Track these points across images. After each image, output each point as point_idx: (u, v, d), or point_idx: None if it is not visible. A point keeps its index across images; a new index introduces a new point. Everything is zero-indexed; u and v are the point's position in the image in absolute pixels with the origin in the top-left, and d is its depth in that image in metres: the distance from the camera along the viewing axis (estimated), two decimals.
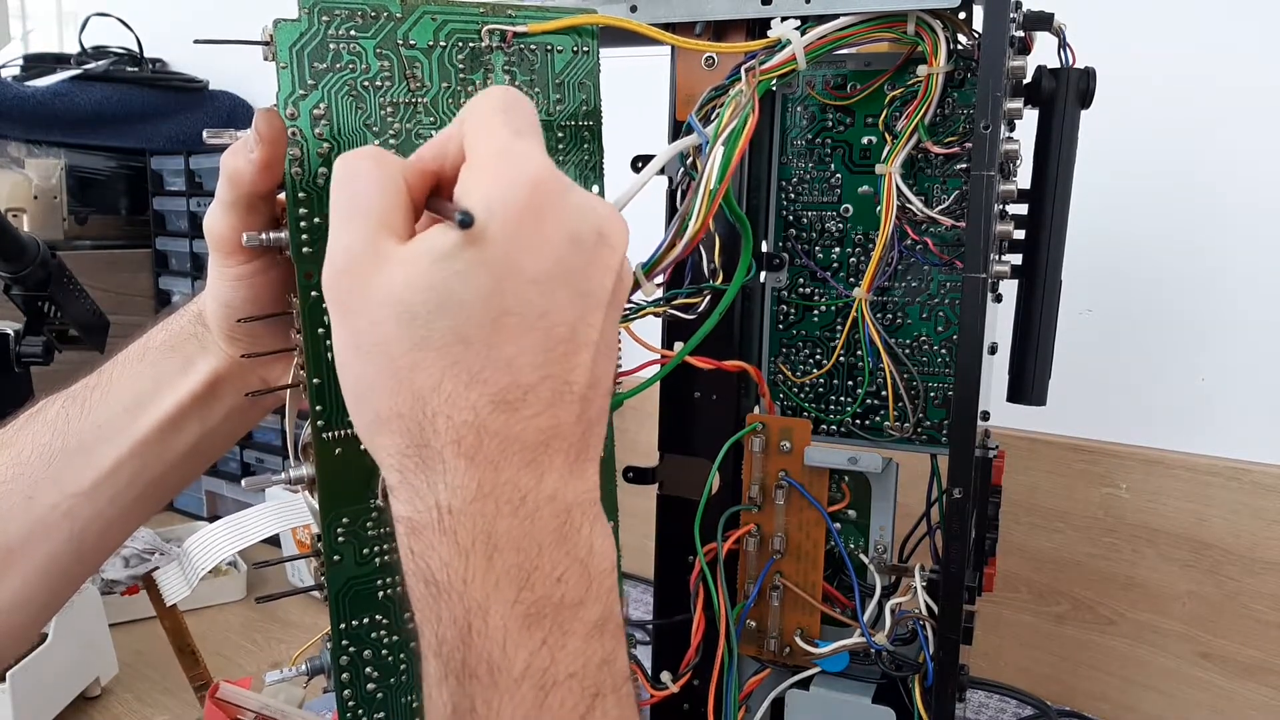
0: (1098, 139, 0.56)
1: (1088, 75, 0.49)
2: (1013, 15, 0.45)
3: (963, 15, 0.47)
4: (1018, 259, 0.52)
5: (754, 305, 0.57)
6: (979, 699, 0.82)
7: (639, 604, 0.90)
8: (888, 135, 0.52)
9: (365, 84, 0.37)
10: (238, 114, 1.35)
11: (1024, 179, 0.51)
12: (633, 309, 0.46)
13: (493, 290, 0.28)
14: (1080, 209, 0.52)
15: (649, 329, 0.48)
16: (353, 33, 0.36)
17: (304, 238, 0.36)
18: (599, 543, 0.30)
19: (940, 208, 0.52)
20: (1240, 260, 0.75)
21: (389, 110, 0.37)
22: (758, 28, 0.50)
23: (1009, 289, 0.54)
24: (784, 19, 0.45)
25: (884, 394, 0.55)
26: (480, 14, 0.39)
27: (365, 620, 0.40)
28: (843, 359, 0.56)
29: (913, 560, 0.57)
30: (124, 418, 0.42)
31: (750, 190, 0.55)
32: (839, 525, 0.56)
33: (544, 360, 0.28)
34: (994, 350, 0.53)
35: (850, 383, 0.56)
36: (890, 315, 0.55)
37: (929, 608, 0.51)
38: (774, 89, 0.54)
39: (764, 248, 0.57)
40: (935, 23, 0.47)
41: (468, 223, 0.27)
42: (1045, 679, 0.83)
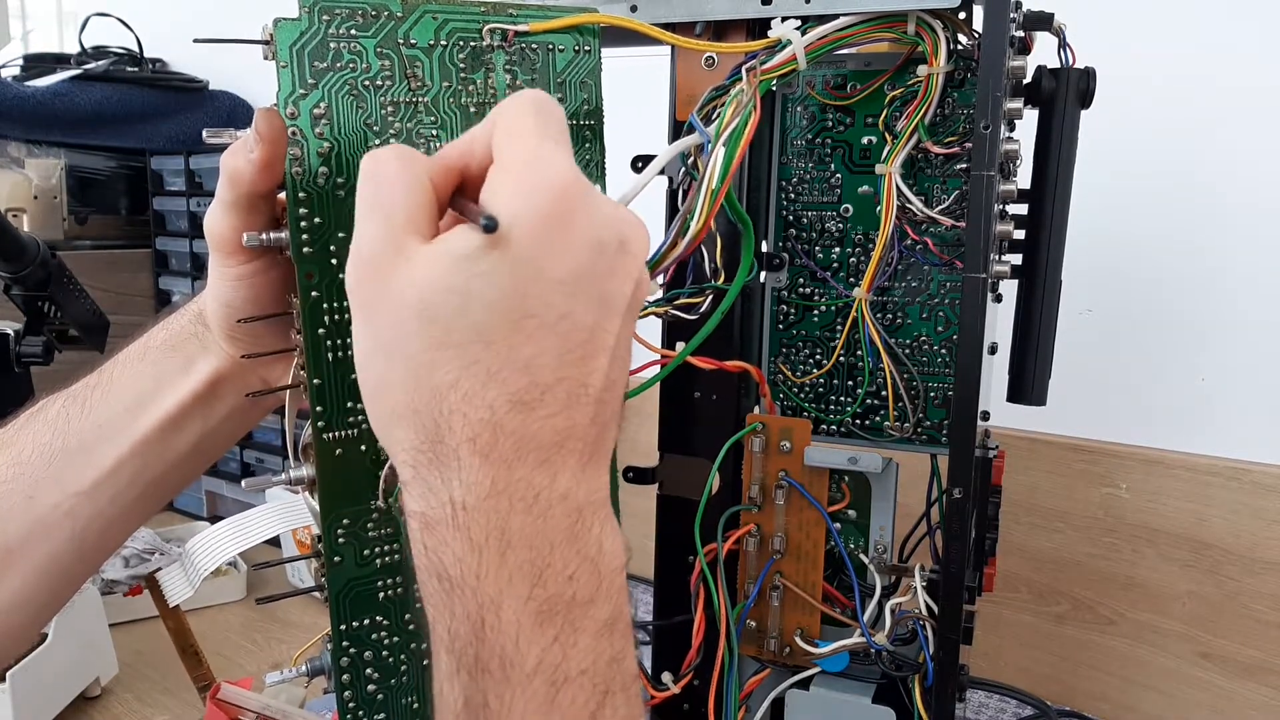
0: (1098, 139, 0.56)
1: (1088, 75, 0.49)
2: (1013, 15, 0.45)
3: (963, 15, 0.47)
4: (1018, 259, 0.52)
5: (754, 305, 0.57)
6: (979, 699, 0.82)
7: (639, 604, 0.89)
8: (888, 135, 0.52)
9: (366, 83, 0.37)
10: (238, 114, 1.35)
11: (1024, 179, 0.51)
12: None
13: (514, 292, 0.28)
14: (1080, 209, 0.52)
15: (649, 329, 0.48)
16: (353, 32, 0.36)
17: (304, 238, 0.36)
18: (608, 543, 0.30)
19: (940, 208, 0.52)
20: (1240, 260, 0.75)
21: (389, 110, 0.37)
22: (758, 28, 0.50)
23: (1009, 289, 0.54)
24: (784, 19, 0.45)
25: (884, 394, 0.55)
26: (481, 13, 0.39)
27: (366, 621, 0.40)
28: (843, 359, 0.56)
29: (913, 560, 0.57)
30: (125, 417, 0.42)
31: (750, 190, 0.55)
32: (839, 525, 0.56)
33: (562, 362, 0.29)
34: (994, 350, 0.53)
35: (850, 383, 0.56)
36: (890, 315, 0.55)
37: (929, 608, 0.51)
38: (774, 89, 0.54)
39: (764, 248, 0.57)
40: (935, 23, 0.47)
41: (491, 227, 0.27)
42: (1045, 679, 0.83)
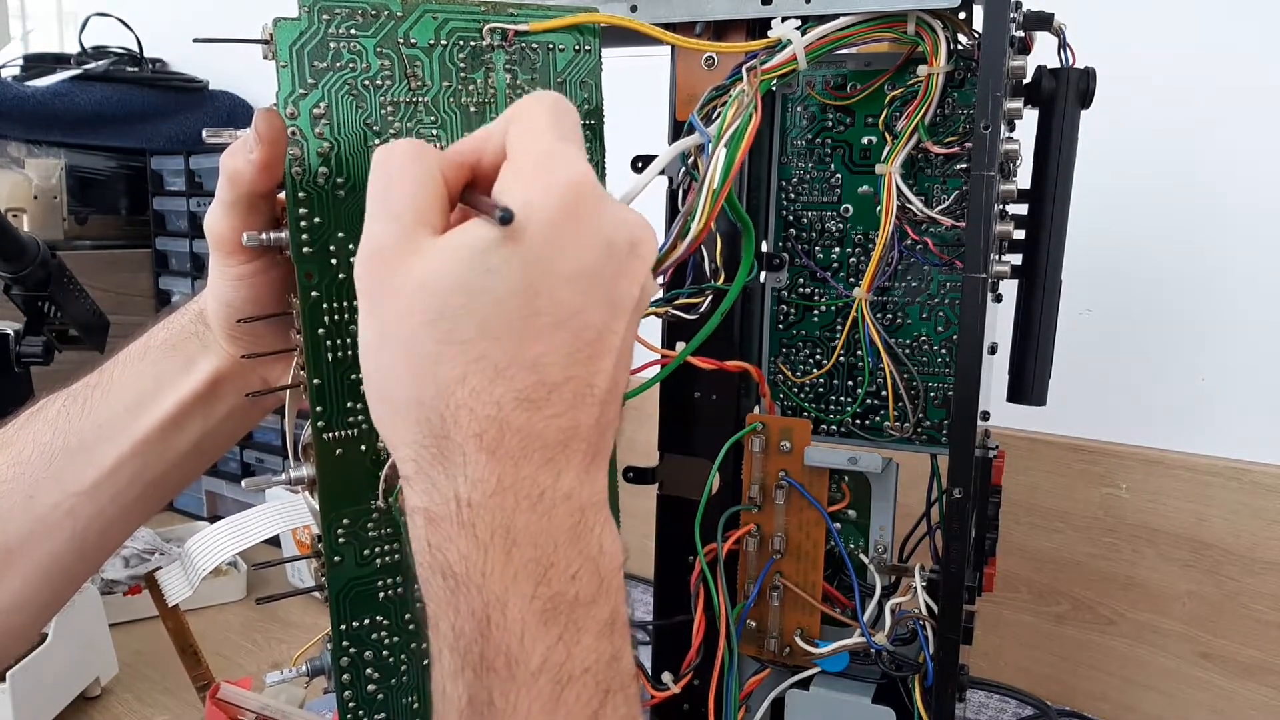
0: (1098, 139, 0.56)
1: (1088, 75, 0.49)
2: (1013, 15, 0.45)
3: (963, 15, 0.47)
4: (1018, 259, 0.52)
5: (754, 305, 0.57)
6: (979, 699, 0.82)
7: (639, 604, 0.89)
8: (888, 135, 0.52)
9: (366, 83, 0.37)
10: (238, 114, 1.35)
11: (1024, 179, 0.51)
12: None
13: (525, 289, 0.28)
14: (1080, 209, 0.52)
15: (650, 329, 0.48)
16: (353, 31, 0.36)
17: (304, 237, 0.36)
18: (608, 543, 0.30)
19: (940, 208, 0.52)
20: (1240, 260, 0.75)
21: (389, 109, 0.37)
22: (758, 28, 0.50)
23: (1009, 289, 0.54)
24: (784, 19, 0.45)
25: (884, 394, 0.55)
26: (481, 12, 0.39)
27: (366, 621, 0.40)
28: (843, 359, 0.56)
29: (913, 560, 0.57)
30: (125, 417, 0.42)
31: (750, 190, 0.55)
32: (839, 525, 0.56)
33: (570, 362, 0.29)
34: (994, 350, 0.53)
35: (850, 383, 0.56)
36: (890, 315, 0.55)
37: (929, 608, 0.51)
38: (774, 89, 0.54)
39: (764, 248, 0.57)
40: (935, 23, 0.47)
41: (508, 219, 0.27)
42: (1045, 679, 0.83)
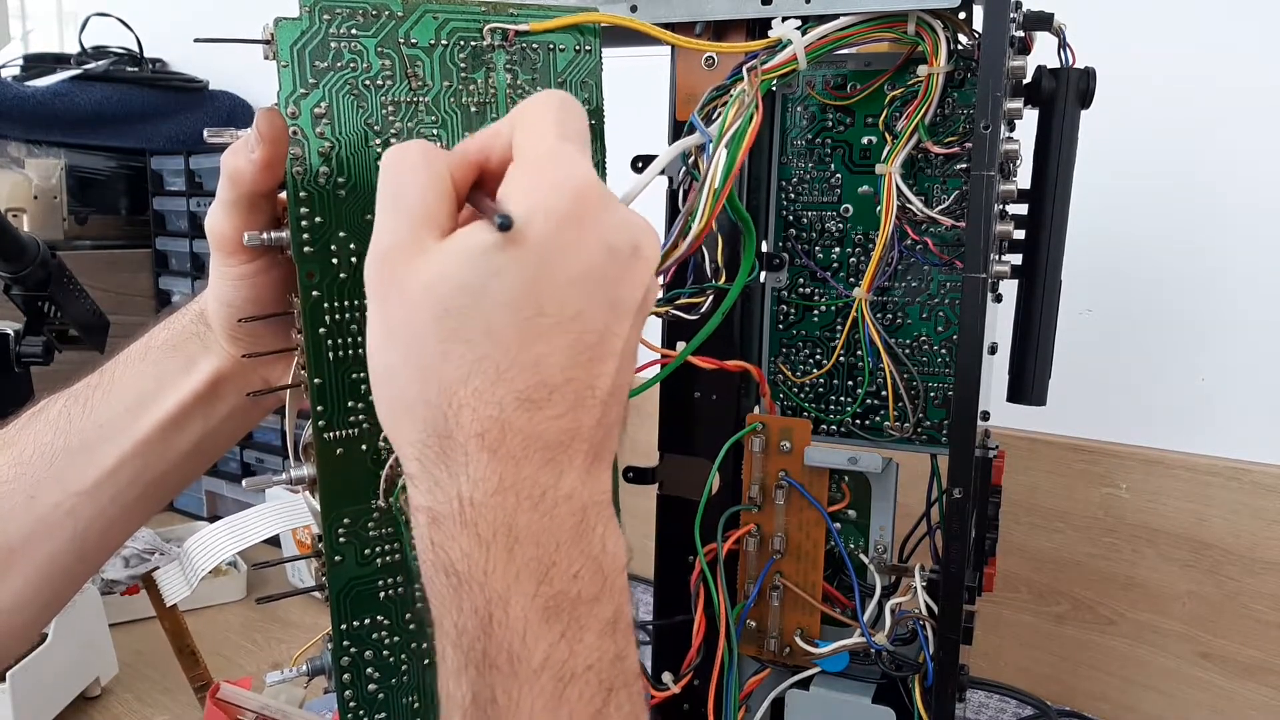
0: (1098, 139, 0.56)
1: (1088, 75, 0.49)
2: (1013, 15, 0.45)
3: (963, 15, 0.47)
4: (1018, 259, 0.52)
5: (754, 305, 0.57)
6: (979, 699, 0.82)
7: (639, 604, 0.90)
8: (888, 135, 0.52)
9: (366, 83, 0.37)
10: (238, 114, 1.35)
11: (1024, 179, 0.51)
12: None
13: (527, 290, 0.28)
14: (1080, 209, 0.52)
15: (650, 329, 0.48)
16: (354, 31, 0.36)
17: (305, 237, 0.36)
18: (611, 543, 0.30)
19: (940, 208, 0.52)
20: (1240, 260, 0.75)
21: (390, 109, 0.37)
22: (758, 28, 0.50)
23: (1009, 289, 0.54)
24: (784, 19, 0.46)
25: (884, 394, 0.55)
26: (482, 12, 0.39)
27: (366, 621, 0.40)
28: (843, 359, 0.56)
29: (913, 560, 0.57)
30: (126, 417, 0.42)
31: (750, 190, 0.55)
32: (839, 525, 0.56)
33: (571, 363, 0.29)
34: (994, 350, 0.53)
35: (850, 383, 0.56)
36: (890, 315, 0.55)
37: (929, 608, 0.51)
38: (774, 89, 0.54)
39: (764, 248, 0.57)
40: (935, 23, 0.47)
41: (506, 226, 0.28)
42: (1045, 679, 0.83)
